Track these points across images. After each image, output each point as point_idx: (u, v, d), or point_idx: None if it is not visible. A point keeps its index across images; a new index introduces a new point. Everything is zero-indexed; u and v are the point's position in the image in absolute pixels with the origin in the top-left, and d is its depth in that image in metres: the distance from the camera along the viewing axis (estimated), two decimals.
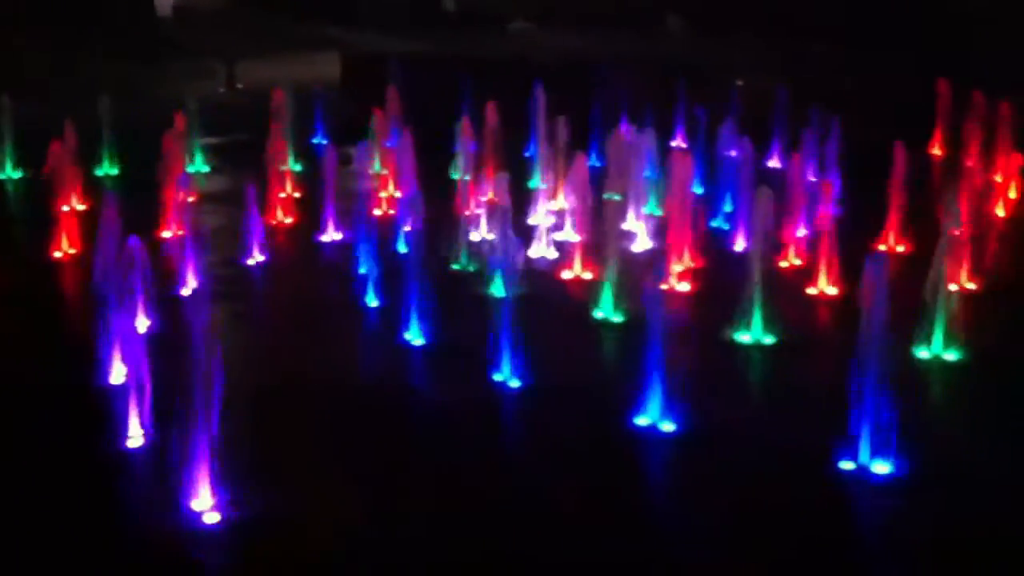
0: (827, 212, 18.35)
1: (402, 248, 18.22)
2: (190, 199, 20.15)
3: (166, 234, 19.42)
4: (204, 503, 10.83)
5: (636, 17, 43.57)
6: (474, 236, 19.47)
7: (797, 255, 18.54)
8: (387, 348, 15.21)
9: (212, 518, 10.74)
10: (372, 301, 16.82)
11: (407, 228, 17.69)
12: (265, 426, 12.46)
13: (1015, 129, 23.33)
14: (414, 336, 15.29)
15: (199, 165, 25.29)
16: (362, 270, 17.65)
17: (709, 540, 10.61)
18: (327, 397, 13.74)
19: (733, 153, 21.87)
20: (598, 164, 23.74)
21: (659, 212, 20.63)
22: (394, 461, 12.09)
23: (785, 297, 16.16)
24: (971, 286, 17.02)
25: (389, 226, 19.62)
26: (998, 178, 22.91)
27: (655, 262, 14.75)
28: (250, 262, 18.89)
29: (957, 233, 16.09)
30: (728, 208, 21.07)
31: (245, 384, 12.68)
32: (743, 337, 15.30)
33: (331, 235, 20.28)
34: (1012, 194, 22.64)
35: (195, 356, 10.60)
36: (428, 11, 44.53)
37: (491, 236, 19.03)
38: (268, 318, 16.98)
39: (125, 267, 13.70)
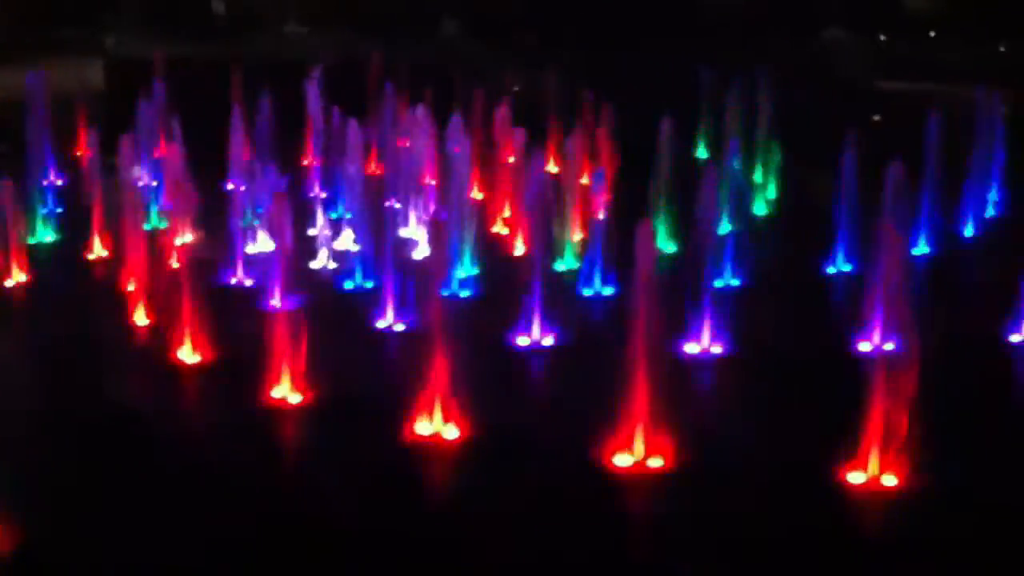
0: (598, 215, 18.87)
1: (175, 263, 17.59)
2: None
3: None
4: None
5: (413, 21, 43.62)
6: (251, 249, 19.02)
7: (574, 258, 18.97)
8: (159, 368, 14.64)
9: None
10: (143, 319, 16.18)
11: (180, 242, 17.12)
12: (29, 455, 11.76)
13: (773, 124, 24.68)
14: (188, 355, 14.78)
15: None
16: (131, 287, 16.94)
17: (484, 542, 10.71)
18: (93, 422, 13.07)
19: (512, 158, 22.20)
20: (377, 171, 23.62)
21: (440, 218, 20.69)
22: (163, 487, 11.60)
23: (563, 299, 16.48)
24: (735, 283, 17.86)
25: (161, 240, 18.89)
26: (757, 178, 24.17)
27: (436, 269, 14.80)
28: (9, 283, 17.82)
29: (720, 232, 16.81)
30: (507, 213, 21.38)
31: (5, 412, 11.96)
32: (523, 339, 15.53)
33: (98, 252, 19.38)
34: (771, 194, 23.94)
35: None
36: (196, 15, 43.22)
37: (269, 248, 18.61)
38: (30, 341, 16.05)
39: None
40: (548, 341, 15.54)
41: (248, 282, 17.97)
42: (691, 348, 15.14)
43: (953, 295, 17.82)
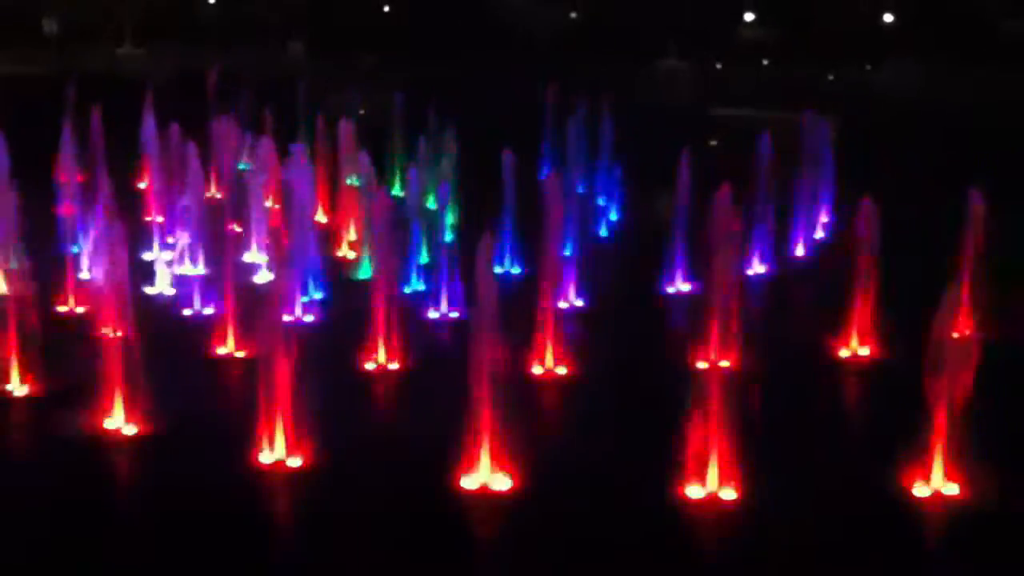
0: (444, 238, 18.88)
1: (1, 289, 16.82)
2: None
3: None
4: None
5: (258, 40, 43.13)
6: (85, 275, 18.35)
7: (419, 281, 18.92)
8: None
9: None
10: None
11: (6, 268, 16.39)
12: None
13: (615, 148, 25.20)
14: (15, 386, 14.12)
15: None
16: None
17: (330, 569, 10.52)
18: None
19: (356, 181, 22.01)
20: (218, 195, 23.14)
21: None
22: None
23: (410, 321, 16.42)
24: (578, 304, 18.12)
25: None
26: (600, 201, 24.64)
27: (278, 293, 14.59)
28: None
29: (565, 254, 16.99)
30: (353, 237, 21.20)
31: None
32: (369, 364, 15.40)
33: None
34: (613, 216, 24.43)
35: None
36: (28, 33, 41.74)
37: (102, 273, 17.94)
38: None
39: None
40: (394, 365, 15.45)
41: (80, 309, 17.32)
42: (536, 369, 15.27)
43: (785, 313, 18.50)
